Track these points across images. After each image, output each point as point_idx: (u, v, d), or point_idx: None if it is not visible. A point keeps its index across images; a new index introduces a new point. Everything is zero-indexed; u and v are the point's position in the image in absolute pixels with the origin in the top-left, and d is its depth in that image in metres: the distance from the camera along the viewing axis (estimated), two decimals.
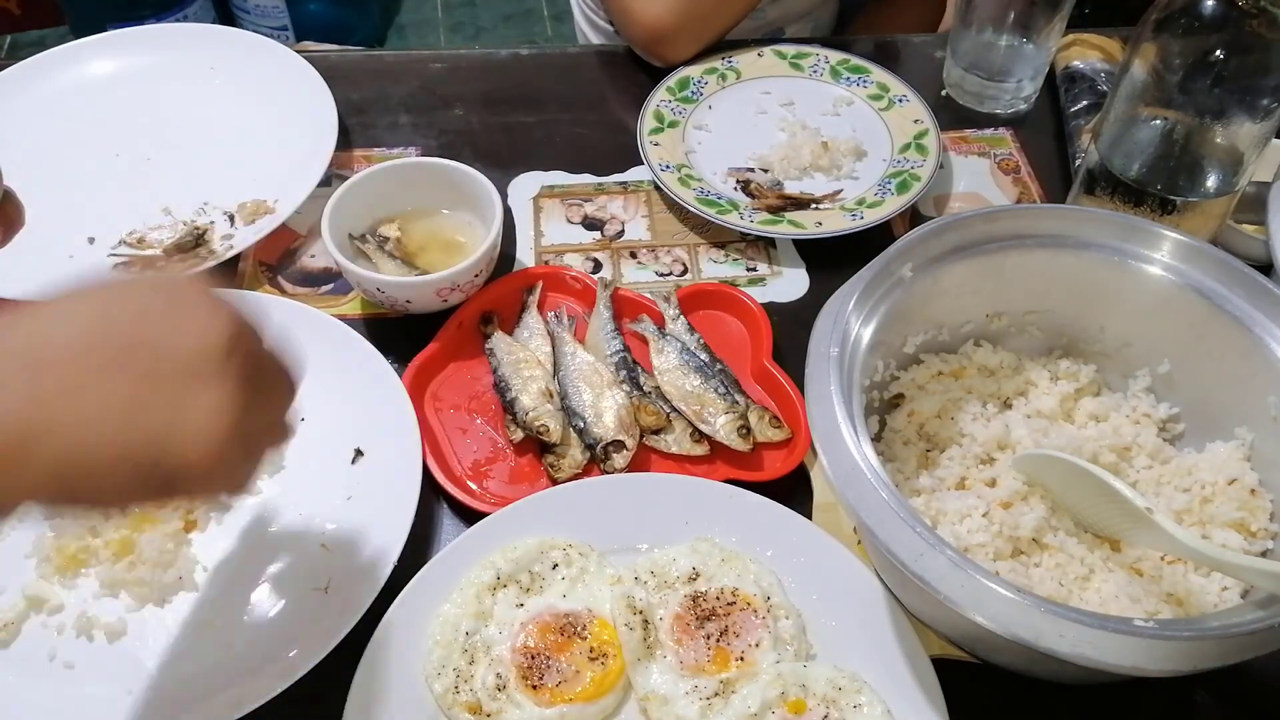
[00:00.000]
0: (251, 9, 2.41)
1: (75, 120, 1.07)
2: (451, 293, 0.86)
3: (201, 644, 0.70)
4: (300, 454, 0.79)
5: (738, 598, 0.68)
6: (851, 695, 0.64)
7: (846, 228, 0.94)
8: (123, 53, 1.13)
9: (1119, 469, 0.72)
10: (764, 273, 0.95)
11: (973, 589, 0.55)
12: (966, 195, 1.03)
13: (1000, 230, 0.73)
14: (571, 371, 0.83)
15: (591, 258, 0.96)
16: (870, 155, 1.04)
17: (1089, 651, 0.53)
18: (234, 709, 0.64)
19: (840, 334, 0.66)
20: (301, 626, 0.69)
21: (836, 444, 0.61)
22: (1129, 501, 0.61)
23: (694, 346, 0.85)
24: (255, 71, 1.10)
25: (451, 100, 1.11)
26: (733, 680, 0.65)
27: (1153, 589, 0.66)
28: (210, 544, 0.75)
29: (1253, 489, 0.69)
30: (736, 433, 0.78)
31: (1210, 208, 0.83)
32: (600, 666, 0.66)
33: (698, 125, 1.06)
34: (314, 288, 0.93)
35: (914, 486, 0.71)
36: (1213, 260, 0.71)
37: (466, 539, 0.72)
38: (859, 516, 0.59)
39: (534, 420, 0.79)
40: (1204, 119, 0.79)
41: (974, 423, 0.74)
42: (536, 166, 1.05)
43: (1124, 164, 0.84)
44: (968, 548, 0.66)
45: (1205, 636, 0.54)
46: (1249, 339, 0.69)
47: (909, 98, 1.07)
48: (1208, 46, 0.76)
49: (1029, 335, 0.79)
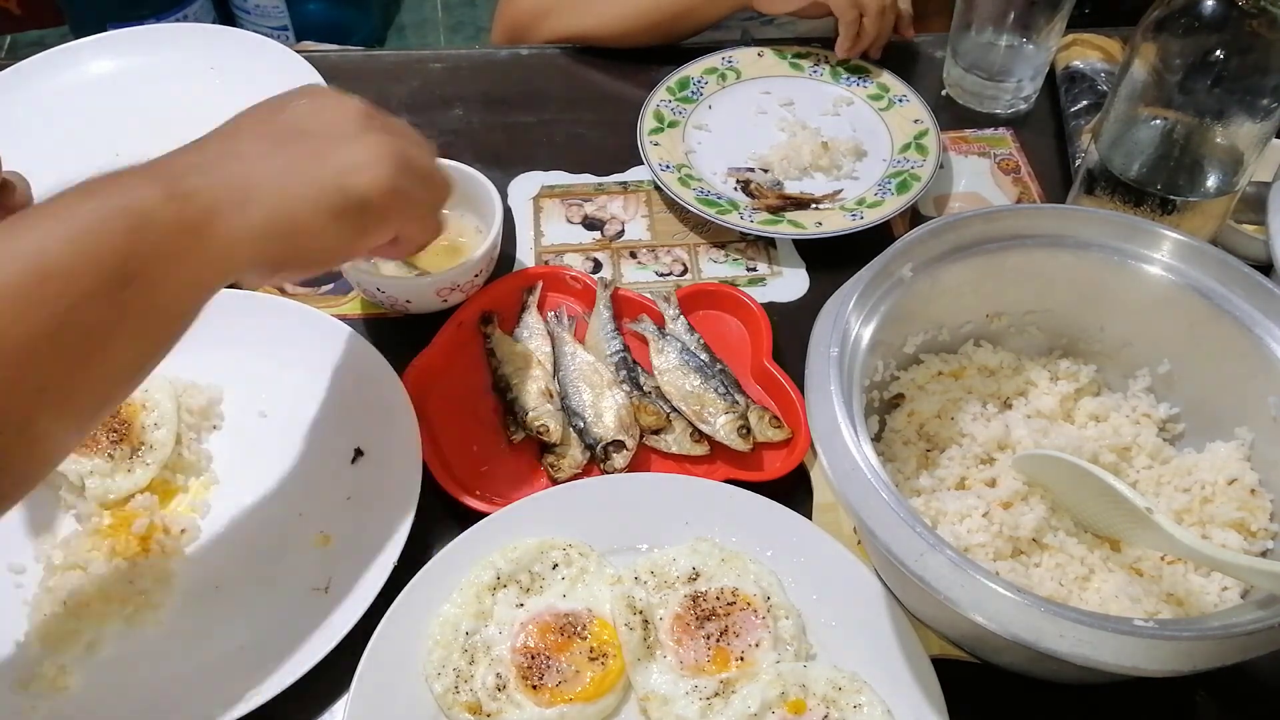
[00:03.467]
0: (251, 9, 2.41)
1: (75, 120, 1.07)
2: (451, 293, 0.86)
3: (202, 644, 0.70)
4: (300, 454, 0.79)
5: (738, 598, 0.68)
6: (851, 695, 0.64)
7: (846, 228, 0.94)
8: (123, 53, 1.13)
9: (1119, 469, 0.72)
10: (764, 273, 0.95)
11: (973, 589, 0.55)
12: (966, 195, 1.03)
13: (1000, 230, 0.73)
14: (571, 371, 0.83)
15: (591, 258, 0.96)
16: (870, 155, 1.04)
17: (1089, 651, 0.53)
18: (234, 709, 0.64)
19: (840, 334, 0.66)
20: (301, 626, 0.69)
21: (836, 444, 0.61)
22: (1129, 501, 0.61)
23: (694, 346, 0.85)
24: (255, 71, 1.09)
25: (451, 100, 1.11)
26: (733, 680, 0.65)
27: (1153, 589, 0.66)
28: (210, 543, 0.75)
29: (1253, 489, 0.69)
30: (736, 433, 0.78)
31: (1210, 208, 0.83)
32: (600, 666, 0.66)
33: (698, 125, 1.06)
34: (314, 288, 0.93)
35: (914, 486, 0.71)
36: (1213, 260, 0.71)
37: (466, 539, 0.72)
38: (859, 516, 0.58)
39: (534, 420, 0.79)
40: (1204, 119, 0.79)
41: (974, 423, 0.74)
42: (536, 166, 1.05)
43: (1124, 164, 0.84)
44: (968, 548, 0.66)
45: (1205, 636, 0.54)
46: (1249, 339, 0.69)
47: (909, 98, 1.07)
48: (1208, 46, 0.76)
49: (1029, 335, 0.79)
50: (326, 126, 0.65)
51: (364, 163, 0.63)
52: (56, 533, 0.75)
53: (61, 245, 0.51)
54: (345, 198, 0.62)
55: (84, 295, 0.51)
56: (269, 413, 0.82)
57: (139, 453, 0.76)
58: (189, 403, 0.80)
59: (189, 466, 0.78)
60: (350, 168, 0.63)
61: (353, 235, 0.64)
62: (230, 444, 0.81)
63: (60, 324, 0.50)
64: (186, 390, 0.81)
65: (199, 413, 0.81)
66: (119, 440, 0.76)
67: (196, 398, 0.81)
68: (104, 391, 0.56)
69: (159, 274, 0.54)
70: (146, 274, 0.53)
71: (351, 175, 0.63)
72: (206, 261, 0.56)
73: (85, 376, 0.53)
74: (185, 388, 0.81)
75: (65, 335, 0.51)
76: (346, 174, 0.62)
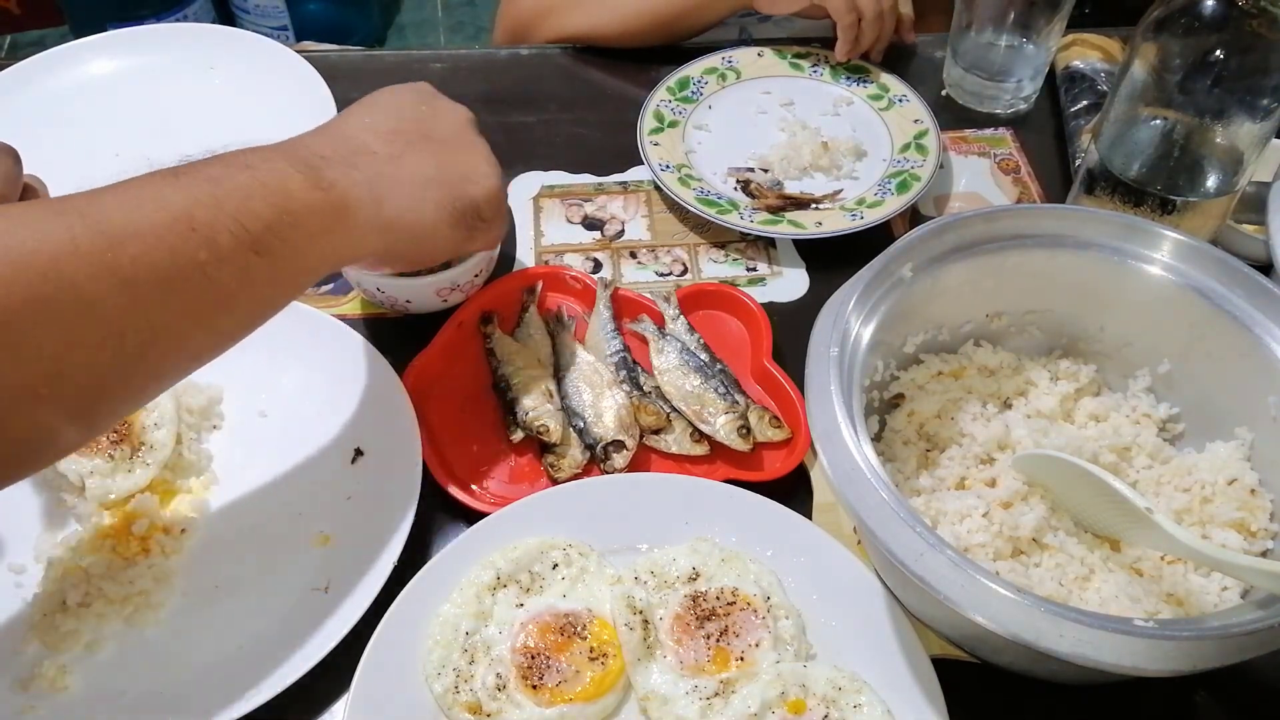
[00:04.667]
0: (251, 9, 2.42)
1: (75, 120, 1.07)
2: (451, 293, 0.86)
3: (201, 644, 0.70)
4: (300, 454, 0.79)
5: (738, 598, 0.68)
6: (851, 695, 0.64)
7: (846, 228, 0.94)
8: (123, 53, 1.13)
9: (1119, 469, 0.72)
10: (764, 273, 0.95)
11: (973, 589, 0.55)
12: (966, 195, 1.03)
13: (1000, 230, 0.73)
14: (571, 371, 0.83)
15: (591, 258, 0.96)
16: (870, 155, 1.04)
17: (1089, 651, 0.53)
18: (234, 709, 0.64)
19: (840, 334, 0.66)
20: (301, 626, 0.69)
21: (836, 444, 0.61)
22: (1129, 501, 0.61)
23: (694, 346, 0.85)
24: (255, 71, 1.10)
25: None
26: (733, 680, 0.65)
27: (1153, 589, 0.66)
28: (210, 544, 0.75)
29: (1253, 489, 0.69)
30: (736, 433, 0.78)
31: (1210, 208, 0.83)
32: (600, 666, 0.66)
33: (698, 125, 1.06)
34: (314, 288, 0.93)
35: (914, 486, 0.71)
36: (1213, 260, 0.71)
37: (466, 539, 0.72)
38: (859, 516, 0.58)
39: (534, 420, 0.79)
40: (1204, 119, 0.79)
41: (974, 423, 0.74)
42: (536, 166, 1.05)
43: (1124, 164, 0.84)
44: (968, 548, 0.66)
45: (1205, 636, 0.54)
46: (1249, 339, 0.69)
47: (909, 97, 1.07)
48: (1208, 46, 0.76)
49: (1029, 335, 0.79)
50: (445, 133, 0.73)
51: (481, 173, 0.72)
52: (56, 533, 0.75)
53: (209, 206, 0.55)
54: (466, 203, 0.70)
55: (220, 255, 0.55)
56: (269, 413, 0.82)
57: (139, 453, 0.76)
58: (189, 403, 0.80)
59: (189, 466, 0.78)
60: (469, 176, 0.71)
61: (464, 237, 0.72)
62: (230, 444, 0.81)
63: (192, 275, 0.54)
64: (186, 390, 0.81)
65: (199, 413, 0.81)
66: (119, 440, 0.76)
67: (196, 398, 0.81)
68: (210, 345, 0.59)
69: (290, 250, 0.59)
70: (280, 249, 0.58)
71: (470, 184, 0.71)
72: (335, 246, 0.62)
73: (197, 329, 0.57)
74: (185, 388, 0.81)
75: (193, 286, 0.54)
76: (467, 182, 0.71)
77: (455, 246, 0.73)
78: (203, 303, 0.56)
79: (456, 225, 0.71)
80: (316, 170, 0.61)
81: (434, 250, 0.73)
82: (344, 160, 0.64)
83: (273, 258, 0.58)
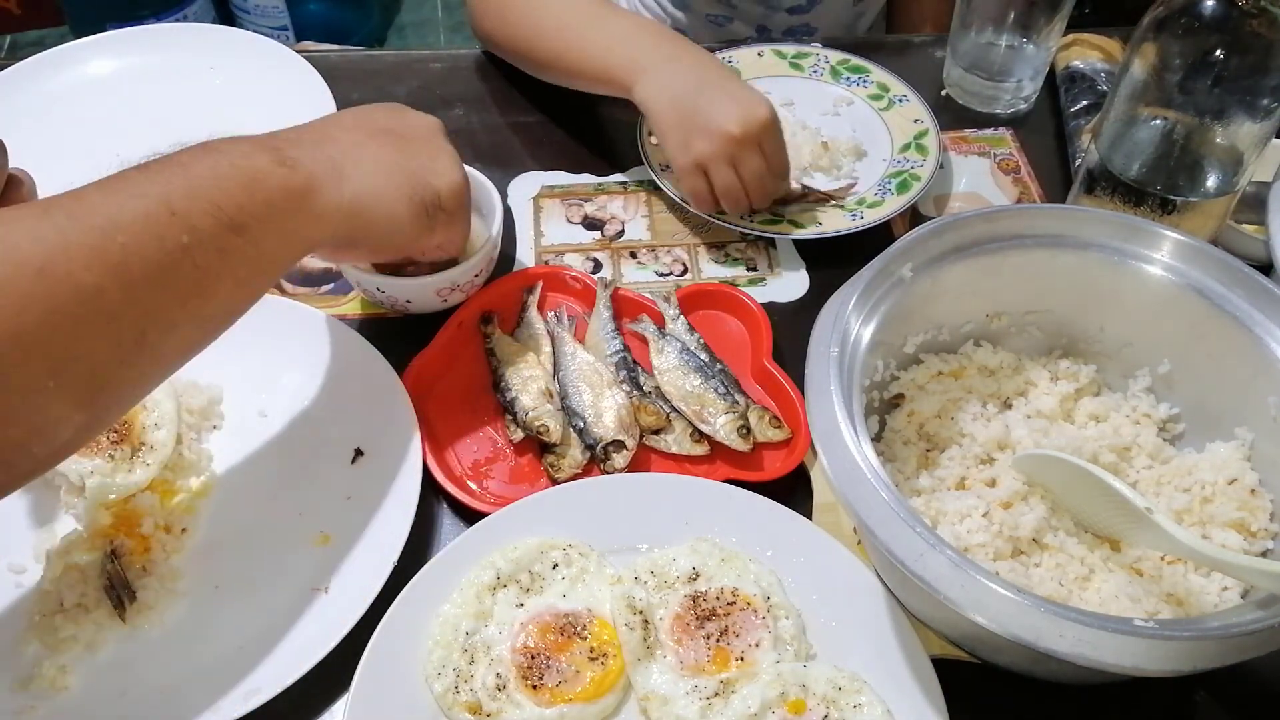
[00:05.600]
0: (251, 9, 2.41)
1: (75, 120, 1.07)
2: (451, 293, 0.86)
3: (202, 644, 0.70)
4: (300, 454, 0.79)
5: (738, 598, 0.68)
6: (851, 695, 0.64)
7: (846, 228, 0.94)
8: (123, 53, 1.13)
9: (1119, 469, 0.72)
10: (764, 273, 0.95)
11: (973, 589, 0.55)
12: (966, 195, 1.03)
13: (1000, 230, 0.73)
14: (571, 371, 0.83)
15: (591, 258, 0.96)
16: (870, 155, 1.04)
17: (1089, 651, 0.53)
18: (234, 709, 0.64)
19: (840, 334, 0.66)
20: (301, 626, 0.69)
21: (836, 444, 0.61)
22: (1129, 502, 0.61)
23: (694, 346, 0.85)
24: (255, 71, 1.10)
25: (451, 100, 1.11)
26: (733, 680, 0.65)
27: (1153, 589, 0.66)
28: (210, 543, 0.75)
29: (1253, 489, 0.69)
30: (736, 433, 0.78)
31: (1210, 208, 0.83)
32: (600, 666, 0.66)
33: None
34: (314, 288, 0.93)
35: (914, 486, 0.71)
36: (1213, 260, 0.71)
37: (466, 539, 0.72)
38: (859, 516, 0.59)
39: (534, 420, 0.79)
40: (1204, 119, 0.79)
41: (974, 423, 0.74)
42: (536, 166, 1.05)
43: (1124, 164, 0.84)
44: (968, 548, 0.66)
45: (1205, 636, 0.54)
46: (1249, 339, 0.69)
47: (909, 98, 1.07)
48: (1208, 46, 0.76)
49: (1029, 335, 0.79)
50: (409, 130, 0.75)
51: (445, 165, 0.74)
52: (56, 533, 0.75)
53: (184, 192, 0.57)
54: (426, 191, 0.72)
55: (201, 238, 0.57)
56: (269, 413, 0.82)
57: (139, 453, 0.76)
58: (189, 403, 0.80)
59: (189, 466, 0.78)
60: (432, 168, 0.73)
61: (422, 228, 0.73)
62: (230, 444, 0.81)
63: (178, 260, 0.56)
64: (186, 390, 0.81)
65: (199, 413, 0.81)
66: (119, 440, 0.76)
67: (196, 398, 0.81)
68: (196, 336, 0.61)
69: (265, 228, 0.61)
70: (255, 226, 0.60)
71: (433, 175, 0.73)
72: (303, 223, 0.64)
73: (185, 314, 0.58)
74: (185, 388, 0.81)
75: (181, 270, 0.56)
76: (429, 173, 0.73)
77: (416, 236, 0.74)
78: (189, 287, 0.57)
79: (418, 215, 0.72)
80: (280, 151, 0.63)
81: (395, 238, 0.73)
82: (307, 144, 0.66)
83: (249, 236, 0.60)
